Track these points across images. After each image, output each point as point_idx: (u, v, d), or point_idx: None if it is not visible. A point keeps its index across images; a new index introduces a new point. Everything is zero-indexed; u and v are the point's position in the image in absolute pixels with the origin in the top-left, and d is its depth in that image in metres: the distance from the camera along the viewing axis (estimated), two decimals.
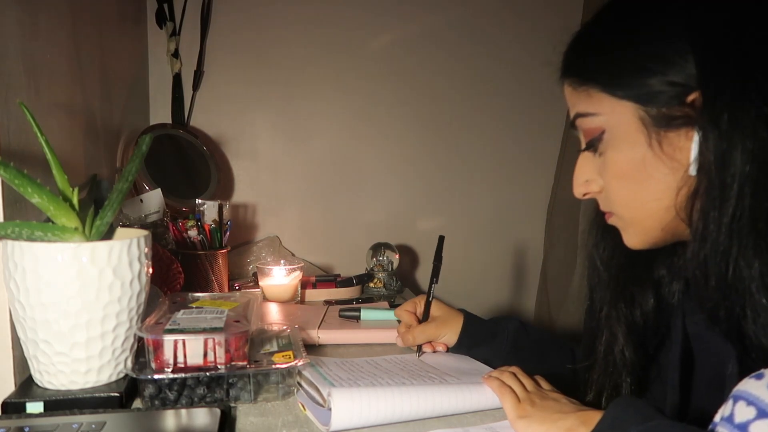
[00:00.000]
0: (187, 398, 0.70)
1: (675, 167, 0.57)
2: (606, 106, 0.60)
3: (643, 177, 0.59)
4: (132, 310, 0.72)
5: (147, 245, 0.74)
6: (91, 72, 1.07)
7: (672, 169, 0.57)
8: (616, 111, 0.59)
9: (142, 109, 1.48)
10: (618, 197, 0.62)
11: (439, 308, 0.94)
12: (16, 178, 0.64)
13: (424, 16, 1.65)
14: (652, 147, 0.58)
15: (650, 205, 0.60)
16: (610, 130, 0.61)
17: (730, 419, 0.45)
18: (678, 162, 0.57)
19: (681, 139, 0.56)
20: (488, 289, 1.76)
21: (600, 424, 0.57)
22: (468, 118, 1.71)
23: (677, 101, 0.56)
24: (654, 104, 0.57)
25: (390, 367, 0.85)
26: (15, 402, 0.67)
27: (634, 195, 0.61)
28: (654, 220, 0.61)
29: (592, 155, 0.64)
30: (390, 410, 0.67)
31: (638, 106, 0.58)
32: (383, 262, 1.45)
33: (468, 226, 1.74)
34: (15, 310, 0.69)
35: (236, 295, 0.90)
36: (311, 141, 1.63)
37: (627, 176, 0.60)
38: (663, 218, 0.60)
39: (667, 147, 0.57)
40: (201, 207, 1.26)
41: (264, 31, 1.56)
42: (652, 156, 0.58)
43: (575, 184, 0.67)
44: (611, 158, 0.61)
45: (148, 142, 0.76)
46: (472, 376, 0.82)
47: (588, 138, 0.63)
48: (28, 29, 0.78)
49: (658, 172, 0.58)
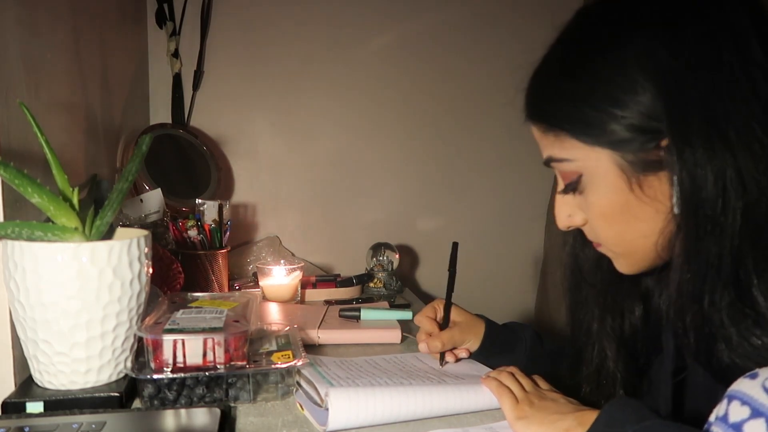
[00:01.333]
0: (187, 398, 0.70)
1: (659, 208, 0.57)
2: (579, 152, 0.59)
3: (627, 218, 0.59)
4: (132, 310, 0.72)
5: (147, 245, 0.74)
6: (91, 72, 1.07)
7: (656, 210, 0.57)
8: (591, 157, 0.59)
9: (142, 109, 1.48)
10: (605, 235, 0.62)
11: (459, 313, 0.91)
12: (16, 178, 0.64)
13: (425, 16, 1.65)
14: (634, 191, 0.57)
15: (638, 242, 0.60)
16: (587, 175, 0.60)
17: (724, 419, 0.45)
18: (661, 203, 0.57)
19: (660, 181, 0.57)
20: (488, 289, 1.76)
21: (596, 423, 0.58)
22: (468, 117, 1.71)
23: (652, 146, 0.55)
24: (629, 150, 0.56)
25: (389, 367, 0.85)
26: (15, 402, 0.67)
27: (621, 234, 0.61)
28: (644, 252, 0.61)
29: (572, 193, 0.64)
30: (388, 410, 0.68)
31: (613, 152, 0.57)
32: (383, 262, 1.45)
33: (468, 226, 1.74)
34: (15, 310, 0.69)
35: (236, 295, 0.90)
36: (311, 141, 1.63)
37: (611, 217, 0.60)
38: (652, 251, 0.60)
39: (648, 189, 0.57)
40: (201, 207, 1.26)
41: (264, 31, 1.56)
42: (634, 199, 0.58)
43: (558, 219, 0.66)
44: (593, 200, 0.61)
45: (148, 142, 0.76)
46: (470, 377, 0.82)
47: (566, 181, 0.63)
48: (28, 29, 0.78)
49: (643, 213, 0.58)
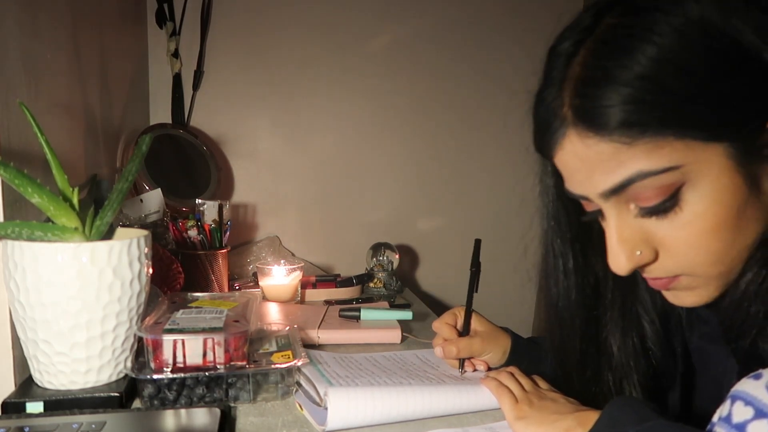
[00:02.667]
0: (187, 398, 0.70)
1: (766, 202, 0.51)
2: (688, 155, 0.49)
3: (741, 223, 0.51)
4: (132, 310, 0.72)
5: (147, 245, 0.74)
6: (91, 72, 1.07)
7: (766, 203, 0.51)
8: (702, 157, 0.49)
9: (142, 109, 1.48)
10: (707, 254, 0.53)
11: (481, 323, 0.86)
12: (16, 178, 0.64)
13: (425, 16, 1.65)
14: (751, 186, 0.50)
15: (742, 253, 0.53)
16: (693, 181, 0.50)
17: (728, 419, 0.45)
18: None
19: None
20: (488, 289, 1.75)
21: (597, 424, 0.57)
22: (468, 117, 1.71)
23: (762, 128, 0.49)
24: (742, 138, 0.49)
25: (389, 365, 0.85)
26: (15, 402, 0.67)
27: (730, 247, 0.52)
28: (742, 264, 0.53)
29: (642, 218, 0.54)
30: (387, 410, 0.67)
31: (728, 144, 0.49)
32: (383, 262, 1.45)
33: (468, 226, 1.74)
34: (15, 310, 0.69)
35: (235, 295, 0.90)
36: (311, 141, 1.63)
37: (722, 227, 0.51)
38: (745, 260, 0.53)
39: (764, 181, 0.51)
40: (201, 207, 1.26)
41: (264, 31, 1.56)
42: (752, 196, 0.50)
43: (624, 259, 0.55)
44: (697, 212, 0.51)
45: (148, 142, 0.76)
46: (470, 377, 0.82)
47: (653, 201, 0.52)
48: (28, 29, 0.78)
49: (757, 211, 0.51)
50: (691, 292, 0.57)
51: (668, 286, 0.57)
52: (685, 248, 0.53)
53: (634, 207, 0.53)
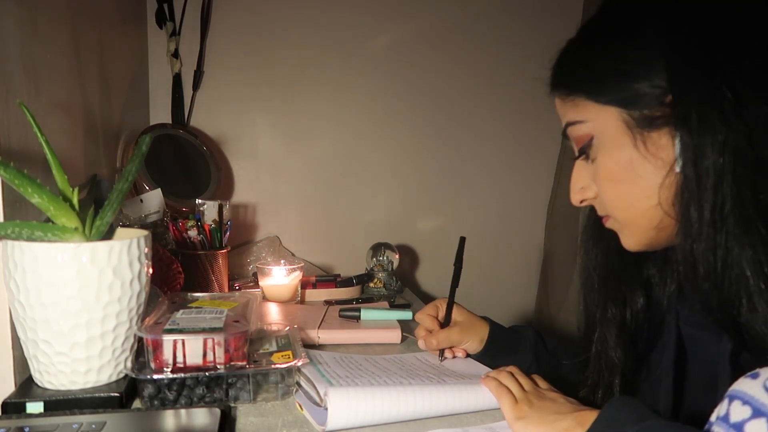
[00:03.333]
0: (187, 398, 0.70)
1: (660, 165, 0.59)
2: (591, 113, 0.63)
3: (631, 177, 0.62)
4: (132, 310, 0.72)
5: (147, 245, 0.74)
6: (91, 72, 1.07)
7: (657, 167, 0.60)
8: (601, 116, 0.62)
9: (142, 109, 1.48)
10: (610, 199, 0.65)
11: (461, 313, 0.93)
12: (16, 178, 0.64)
13: (425, 16, 1.65)
14: (638, 148, 0.60)
15: (640, 204, 0.62)
16: (597, 136, 0.63)
17: (725, 419, 0.45)
18: (662, 160, 0.59)
19: (663, 138, 0.59)
20: (488, 289, 1.76)
21: (596, 424, 0.58)
22: (468, 117, 1.71)
23: (656, 102, 0.58)
24: (635, 107, 0.59)
25: (389, 366, 0.85)
26: (15, 402, 0.67)
27: (625, 195, 0.63)
28: (646, 219, 0.63)
29: (585, 163, 0.67)
30: (387, 410, 0.67)
31: (621, 110, 0.60)
32: (383, 262, 1.45)
33: (468, 226, 1.74)
34: (15, 310, 0.69)
35: (235, 295, 0.90)
36: (311, 141, 1.63)
37: (616, 178, 0.63)
38: (654, 217, 0.62)
39: (651, 146, 0.60)
40: (201, 207, 1.26)
41: (264, 31, 1.56)
42: (638, 156, 0.60)
43: (572, 191, 0.70)
44: (601, 162, 0.64)
45: (148, 142, 0.76)
46: (470, 377, 0.82)
47: (579, 145, 0.66)
48: (28, 29, 0.78)
49: (645, 171, 0.60)
50: (620, 234, 0.68)
51: (606, 223, 0.69)
52: (601, 192, 0.66)
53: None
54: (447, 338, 0.89)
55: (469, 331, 0.91)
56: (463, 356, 0.91)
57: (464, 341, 0.90)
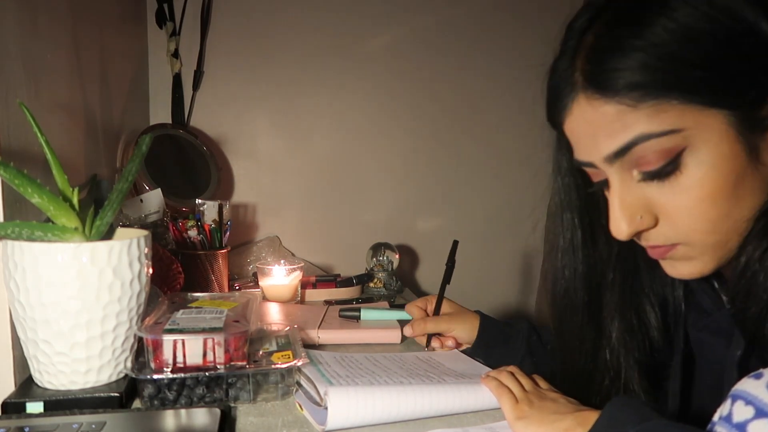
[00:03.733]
0: (187, 398, 0.70)
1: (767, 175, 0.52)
2: (689, 119, 0.50)
3: (739, 193, 0.52)
4: (132, 310, 0.72)
5: (147, 245, 0.74)
6: (91, 72, 1.07)
7: (765, 177, 0.52)
8: (703, 122, 0.50)
9: (142, 109, 1.48)
10: (704, 223, 0.53)
11: (450, 306, 0.95)
12: (16, 178, 0.64)
13: (424, 17, 1.65)
14: (750, 156, 0.51)
15: (738, 224, 0.53)
16: (694, 146, 0.51)
17: (728, 418, 0.45)
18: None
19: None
20: (488, 289, 1.76)
21: (597, 424, 0.57)
22: (468, 117, 1.71)
23: (765, 100, 0.50)
24: (744, 107, 0.50)
25: (389, 364, 0.85)
26: (15, 402, 0.67)
27: (727, 216, 0.53)
28: (737, 238, 0.54)
29: (644, 183, 0.55)
30: (387, 410, 0.67)
31: (729, 112, 0.50)
32: (383, 262, 1.45)
33: (468, 226, 1.74)
34: (15, 310, 0.69)
35: (235, 295, 0.90)
36: (311, 141, 1.63)
37: (720, 195, 0.52)
38: (741, 234, 0.53)
39: (763, 153, 0.51)
40: (201, 207, 1.26)
41: (264, 31, 1.56)
42: (750, 168, 0.51)
43: (624, 222, 0.56)
44: (696, 178, 0.52)
45: (148, 142, 0.76)
46: (470, 376, 0.82)
47: (655, 165, 0.53)
48: (28, 29, 0.78)
49: (756, 181, 0.52)
50: (687, 262, 0.57)
51: (665, 254, 0.57)
52: (684, 214, 0.54)
53: (636, 173, 0.55)
54: (435, 325, 0.91)
55: (459, 319, 0.92)
56: (453, 344, 0.93)
57: (452, 329, 0.92)
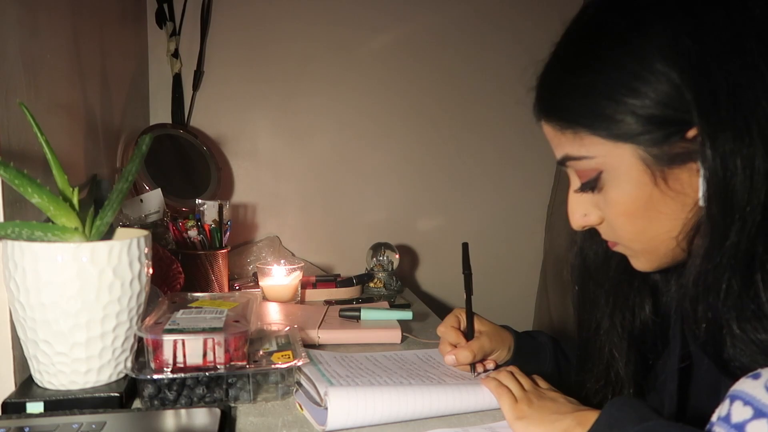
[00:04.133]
0: (187, 398, 0.70)
1: (684, 201, 0.56)
2: (601, 149, 0.57)
3: (651, 214, 0.57)
4: (132, 310, 0.72)
5: (147, 245, 0.74)
6: (91, 72, 1.07)
7: (681, 204, 0.56)
8: (614, 153, 0.57)
9: (142, 109, 1.48)
10: (626, 233, 0.61)
11: (482, 323, 0.87)
12: (16, 178, 0.64)
13: (425, 15, 1.65)
14: (658, 185, 0.56)
15: (660, 238, 0.59)
16: (608, 171, 0.58)
17: (726, 419, 0.45)
18: (686, 195, 0.56)
19: (685, 174, 0.55)
20: (488, 289, 1.75)
21: (596, 424, 0.57)
22: (469, 117, 1.71)
23: (678, 137, 0.54)
24: (653, 143, 0.54)
25: (389, 364, 0.85)
26: (15, 402, 0.67)
27: (643, 230, 0.59)
28: (666, 248, 0.60)
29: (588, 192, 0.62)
30: (387, 410, 0.67)
31: (637, 146, 0.55)
32: (383, 262, 1.45)
33: (468, 225, 1.74)
34: (15, 310, 0.69)
35: (236, 295, 0.90)
36: (311, 141, 1.63)
37: (634, 214, 0.58)
38: (674, 246, 0.59)
39: (673, 183, 0.56)
40: (201, 207, 1.26)
41: (264, 31, 1.56)
42: (659, 194, 0.56)
43: (572, 219, 0.65)
44: (614, 197, 0.59)
45: (148, 142, 0.76)
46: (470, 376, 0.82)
47: (583, 179, 0.61)
48: (28, 29, 0.78)
49: (666, 207, 0.57)
50: (632, 258, 0.64)
51: (613, 248, 0.65)
52: (612, 222, 0.61)
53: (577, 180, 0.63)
54: (481, 349, 0.83)
55: (497, 340, 0.86)
56: (493, 367, 0.86)
57: (494, 351, 0.85)
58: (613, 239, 0.64)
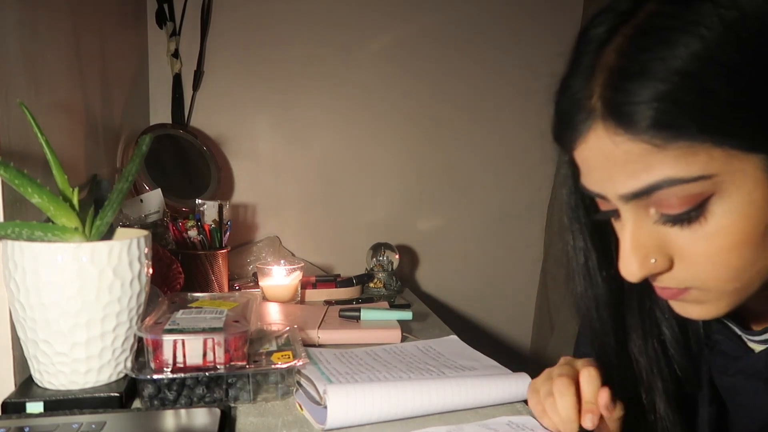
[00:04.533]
0: (187, 398, 0.70)
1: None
2: (722, 164, 0.45)
3: (766, 240, 0.48)
4: (132, 310, 0.72)
5: (147, 245, 0.74)
6: (91, 72, 1.07)
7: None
8: (738, 167, 0.45)
9: (142, 109, 1.48)
10: (726, 270, 0.49)
11: None
12: (16, 178, 0.64)
13: (425, 15, 1.65)
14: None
15: (763, 272, 0.49)
16: (724, 192, 0.46)
17: None
18: None
19: None
20: (488, 289, 1.76)
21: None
22: (469, 117, 1.71)
23: None
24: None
25: (389, 358, 0.85)
26: (15, 402, 0.67)
27: (752, 264, 0.48)
28: (751, 285, 0.50)
29: (661, 225, 0.49)
30: (386, 407, 0.67)
31: (766, 156, 0.45)
32: (383, 262, 1.45)
33: (468, 225, 1.74)
34: (15, 310, 0.69)
35: (235, 295, 0.90)
36: (311, 141, 1.63)
37: (747, 244, 0.47)
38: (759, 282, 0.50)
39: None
40: (201, 207, 1.26)
41: (264, 31, 1.56)
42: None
43: (635, 266, 0.50)
44: (723, 226, 0.47)
45: (148, 142, 0.76)
46: (470, 369, 0.82)
47: (677, 209, 0.47)
48: (28, 29, 0.78)
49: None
50: (698, 305, 0.53)
51: (677, 297, 0.53)
52: (704, 261, 0.49)
53: (654, 212, 0.49)
54: None
55: None
56: None
57: None
58: (689, 284, 0.51)
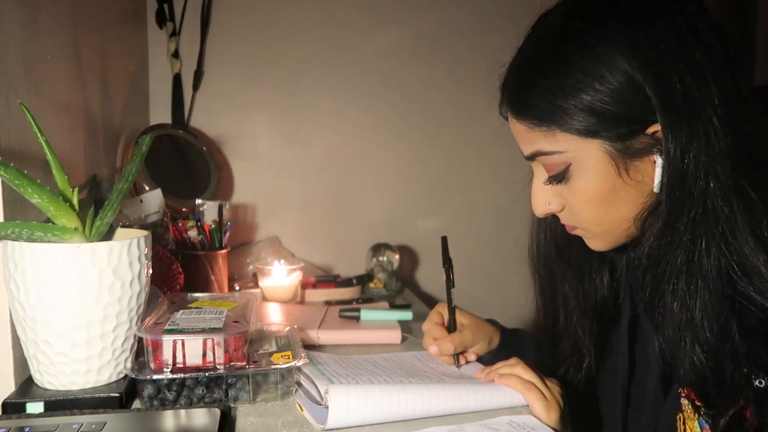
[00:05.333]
0: (186, 398, 0.70)
1: (642, 189, 0.64)
2: (572, 144, 0.64)
3: (613, 201, 0.65)
4: (132, 311, 0.72)
5: (147, 245, 0.74)
6: (91, 72, 1.07)
7: (640, 191, 0.64)
8: (583, 148, 0.64)
9: (142, 109, 1.48)
10: (588, 218, 0.68)
11: (465, 316, 0.90)
12: (16, 178, 0.64)
13: (424, 17, 1.65)
14: (621, 176, 0.63)
15: (619, 221, 0.67)
16: (576, 164, 0.65)
17: None
18: (644, 184, 0.64)
19: (645, 165, 0.63)
20: (488, 288, 1.76)
21: None
22: (468, 117, 1.71)
23: (640, 133, 0.61)
24: (619, 139, 0.62)
25: (388, 365, 0.85)
26: (15, 402, 0.67)
27: (605, 215, 0.67)
28: (621, 230, 0.68)
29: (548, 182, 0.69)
30: (387, 408, 0.67)
31: (604, 142, 0.62)
32: (383, 262, 1.45)
33: (468, 225, 1.74)
34: (15, 311, 0.69)
35: (235, 296, 0.90)
36: (311, 141, 1.63)
37: (597, 201, 0.66)
38: (629, 228, 0.67)
39: (633, 173, 0.63)
40: (201, 207, 1.26)
41: (264, 31, 1.56)
42: (621, 183, 0.64)
43: (536, 207, 0.73)
44: (579, 186, 0.66)
45: (148, 142, 0.76)
46: (469, 376, 0.82)
47: (552, 172, 0.68)
48: (28, 29, 0.78)
49: (627, 194, 0.65)
50: (588, 240, 0.72)
51: (572, 231, 0.73)
52: (575, 210, 0.69)
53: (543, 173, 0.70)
54: (462, 341, 0.86)
55: (479, 332, 0.89)
56: (475, 359, 0.89)
57: (476, 343, 0.88)
58: (573, 224, 0.71)
